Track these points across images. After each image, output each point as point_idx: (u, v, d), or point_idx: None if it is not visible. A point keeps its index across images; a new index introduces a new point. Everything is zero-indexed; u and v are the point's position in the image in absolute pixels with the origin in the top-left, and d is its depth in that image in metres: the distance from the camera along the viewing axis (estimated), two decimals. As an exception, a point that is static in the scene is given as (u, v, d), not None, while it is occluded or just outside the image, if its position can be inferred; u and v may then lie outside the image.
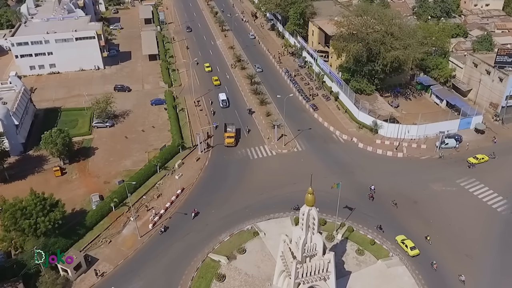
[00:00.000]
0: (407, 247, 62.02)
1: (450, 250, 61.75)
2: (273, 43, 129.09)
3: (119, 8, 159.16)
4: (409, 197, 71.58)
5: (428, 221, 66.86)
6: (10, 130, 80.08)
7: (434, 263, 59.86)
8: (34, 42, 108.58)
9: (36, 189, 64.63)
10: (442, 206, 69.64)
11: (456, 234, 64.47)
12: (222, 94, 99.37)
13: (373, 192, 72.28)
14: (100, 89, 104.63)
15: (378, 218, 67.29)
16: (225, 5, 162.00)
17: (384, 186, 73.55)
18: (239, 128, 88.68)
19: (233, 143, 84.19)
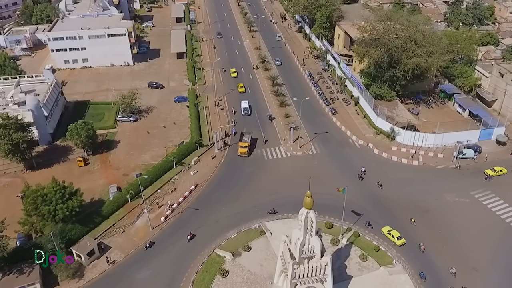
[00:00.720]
0: (393, 237, 64.55)
1: (456, 262, 61.14)
2: (299, 45, 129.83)
3: (153, 6, 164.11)
4: (420, 206, 71.14)
5: (437, 231, 66.41)
6: (39, 120, 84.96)
7: (422, 245, 62.82)
8: (69, 38, 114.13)
9: (59, 178, 68.79)
10: (453, 217, 68.85)
11: (464, 246, 63.72)
12: (244, 101, 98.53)
13: (363, 174, 77.50)
14: (128, 85, 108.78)
15: (385, 224, 67.47)
16: (255, 6, 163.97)
17: (396, 193, 73.48)
18: (255, 138, 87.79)
19: (246, 153, 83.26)
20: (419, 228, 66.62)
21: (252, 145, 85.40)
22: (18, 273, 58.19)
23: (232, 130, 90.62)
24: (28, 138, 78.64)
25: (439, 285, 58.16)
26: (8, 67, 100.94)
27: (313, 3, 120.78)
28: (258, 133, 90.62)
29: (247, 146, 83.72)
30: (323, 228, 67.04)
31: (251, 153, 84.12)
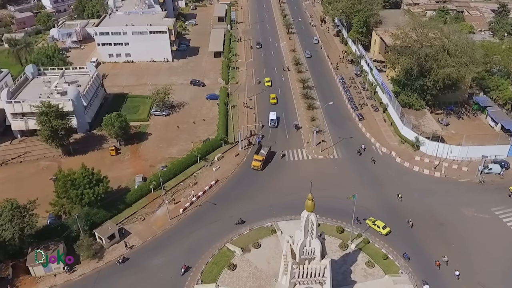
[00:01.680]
0: (379, 227, 67.48)
1: (463, 275, 60.31)
2: (335, 49, 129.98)
3: (198, 5, 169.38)
4: (436, 218, 70.37)
5: (450, 245, 65.54)
6: (79, 110, 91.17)
7: (410, 220, 67.48)
8: (114, 33, 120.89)
9: (92, 165, 74.20)
10: (469, 231, 67.64)
11: (474, 261, 62.60)
12: (273, 113, 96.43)
13: (363, 150, 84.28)
14: (165, 80, 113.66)
15: (397, 234, 67.38)
16: (296, 8, 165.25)
17: (413, 203, 73.02)
18: (274, 151, 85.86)
19: (259, 167, 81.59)
20: (430, 241, 66.07)
21: (269, 159, 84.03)
22: (45, 249, 63.21)
23: (257, 139, 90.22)
24: (66, 126, 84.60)
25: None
26: (57, 59, 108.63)
27: (350, 7, 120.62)
28: (280, 144, 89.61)
29: (262, 160, 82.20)
30: (333, 232, 68.30)
31: (266, 167, 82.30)
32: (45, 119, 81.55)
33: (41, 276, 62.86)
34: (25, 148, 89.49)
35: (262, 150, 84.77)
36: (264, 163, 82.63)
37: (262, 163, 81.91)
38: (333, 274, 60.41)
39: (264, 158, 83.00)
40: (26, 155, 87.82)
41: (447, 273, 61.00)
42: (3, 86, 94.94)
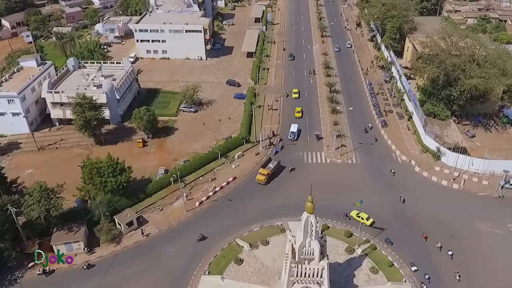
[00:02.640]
0: (363, 219, 70.44)
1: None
2: (368, 54, 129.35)
3: (237, 5, 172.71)
4: (448, 229, 69.82)
5: (458, 257, 64.90)
6: (112, 102, 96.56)
7: (402, 196, 71.64)
8: (152, 30, 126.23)
9: (120, 155, 79.16)
10: (480, 246, 66.81)
11: (481, 277, 61.83)
12: (294, 125, 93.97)
13: (370, 129, 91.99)
14: (197, 78, 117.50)
15: (406, 242, 67.51)
16: (334, 11, 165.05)
17: (426, 214, 72.70)
18: (283, 166, 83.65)
19: (263, 181, 79.48)
20: (438, 252, 65.72)
21: (276, 173, 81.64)
22: (68, 230, 68.47)
23: (274, 149, 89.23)
24: (99, 117, 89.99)
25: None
26: (97, 53, 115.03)
27: (385, 13, 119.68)
28: (300, 146, 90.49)
29: (267, 175, 79.79)
30: (341, 236, 69.32)
31: (271, 181, 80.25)
32: (79, 110, 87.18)
33: (64, 254, 68.11)
34: (62, 136, 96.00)
35: (270, 163, 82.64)
36: (270, 178, 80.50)
37: (266, 177, 79.87)
38: (336, 277, 62.28)
39: (270, 173, 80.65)
40: (62, 142, 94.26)
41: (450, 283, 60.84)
42: (46, 77, 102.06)
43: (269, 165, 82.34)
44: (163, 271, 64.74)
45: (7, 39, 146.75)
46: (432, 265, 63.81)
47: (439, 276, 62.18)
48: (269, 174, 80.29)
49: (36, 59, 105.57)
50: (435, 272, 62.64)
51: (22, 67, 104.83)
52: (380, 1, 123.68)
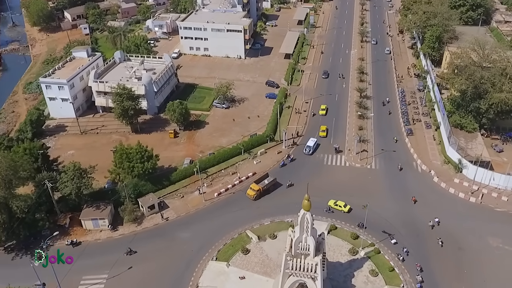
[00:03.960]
0: (341, 207, 75.82)
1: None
2: (406, 61, 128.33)
3: (282, 7, 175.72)
4: (456, 241, 69.93)
5: (462, 270, 65.03)
6: (150, 94, 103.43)
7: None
8: (196, 28, 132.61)
9: (153, 144, 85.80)
10: (486, 261, 66.41)
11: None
12: (312, 139, 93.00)
13: (387, 102, 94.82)
14: (233, 76, 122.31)
15: (412, 251, 68.35)
16: (378, 17, 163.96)
17: (438, 224, 72.91)
18: (279, 184, 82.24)
19: (252, 197, 79.14)
20: (443, 264, 66.06)
21: (269, 190, 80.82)
22: (96, 208, 75.46)
23: (281, 162, 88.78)
24: (136, 107, 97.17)
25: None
26: (142, 47, 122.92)
27: (425, 21, 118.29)
28: (322, 148, 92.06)
29: (257, 191, 79.40)
30: (347, 237, 71.31)
31: (261, 197, 79.66)
32: (118, 99, 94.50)
33: (90, 229, 75.04)
34: (103, 122, 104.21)
35: (266, 180, 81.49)
36: (261, 194, 79.96)
37: (257, 193, 79.47)
38: (336, 276, 64.73)
39: (261, 189, 79.85)
40: (102, 128, 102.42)
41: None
42: (94, 67, 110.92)
43: (264, 181, 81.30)
44: (176, 253, 69.93)
45: (68, 30, 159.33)
46: (432, 270, 64.63)
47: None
48: (260, 190, 79.81)
49: (86, 50, 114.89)
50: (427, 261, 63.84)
51: (74, 57, 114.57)
52: (421, 8, 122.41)
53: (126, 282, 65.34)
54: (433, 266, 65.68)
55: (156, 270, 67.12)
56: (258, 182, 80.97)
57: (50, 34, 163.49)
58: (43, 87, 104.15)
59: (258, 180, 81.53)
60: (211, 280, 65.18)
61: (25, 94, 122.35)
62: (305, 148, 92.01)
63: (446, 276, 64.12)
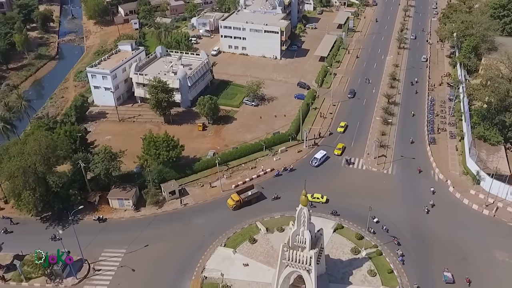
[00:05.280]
0: (318, 199, 80.00)
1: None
2: (442, 70, 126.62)
3: (325, 10, 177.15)
4: (462, 252, 70.42)
5: (462, 279, 65.53)
6: (184, 88, 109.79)
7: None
8: (235, 28, 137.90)
9: (182, 135, 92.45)
10: (490, 274, 66.63)
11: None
12: (322, 152, 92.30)
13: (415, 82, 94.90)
14: (267, 75, 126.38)
15: (414, 257, 69.70)
16: (420, 23, 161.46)
17: (444, 232, 73.85)
18: (263, 197, 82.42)
19: (231, 206, 79.85)
20: (442, 268, 66.96)
21: (250, 202, 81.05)
22: (122, 189, 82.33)
23: (276, 172, 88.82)
24: (169, 100, 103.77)
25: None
26: (183, 44, 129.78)
27: (463, 30, 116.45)
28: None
29: (236, 201, 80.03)
30: (352, 237, 73.60)
31: (241, 208, 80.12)
32: (154, 91, 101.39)
33: (116, 208, 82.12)
34: (140, 112, 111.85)
35: (250, 191, 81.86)
36: (241, 205, 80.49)
37: (236, 204, 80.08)
38: (334, 272, 67.58)
39: (241, 200, 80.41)
40: (138, 117, 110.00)
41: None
42: (137, 60, 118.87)
43: (248, 192, 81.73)
44: (189, 237, 75.30)
45: (120, 25, 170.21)
46: (428, 275, 65.73)
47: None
48: (240, 201, 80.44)
49: (131, 44, 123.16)
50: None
51: (119, 50, 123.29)
52: (460, 17, 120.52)
53: (141, 258, 71.56)
54: (432, 272, 66.74)
55: (169, 249, 72.92)
56: (241, 192, 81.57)
57: (104, 27, 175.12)
58: (89, 76, 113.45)
59: (241, 190, 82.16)
60: (217, 264, 69.91)
61: (75, 82, 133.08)
62: (312, 159, 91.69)
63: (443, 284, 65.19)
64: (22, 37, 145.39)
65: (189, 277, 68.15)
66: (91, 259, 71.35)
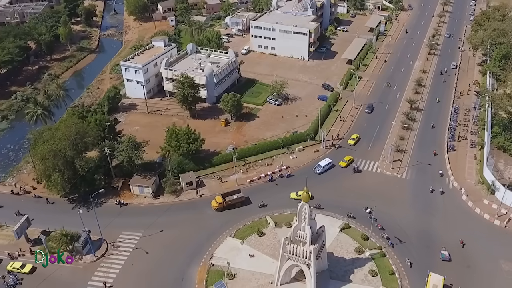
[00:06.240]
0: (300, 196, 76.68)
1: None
2: (470, 78, 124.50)
3: (358, 13, 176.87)
4: (466, 260, 70.53)
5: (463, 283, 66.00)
6: (210, 85, 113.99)
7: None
8: (265, 28, 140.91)
9: (205, 129, 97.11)
10: (492, 283, 66.40)
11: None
12: (327, 159, 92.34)
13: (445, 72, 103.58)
14: (293, 76, 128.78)
15: (420, 262, 70.49)
16: (455, 30, 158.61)
17: (450, 239, 73.99)
18: (248, 203, 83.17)
19: (214, 208, 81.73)
20: (447, 277, 67.36)
21: (234, 206, 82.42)
22: (143, 177, 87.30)
23: (269, 177, 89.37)
24: (195, 95, 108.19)
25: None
26: (213, 42, 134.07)
27: (494, 38, 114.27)
28: (359, 153, 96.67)
29: (219, 203, 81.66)
30: (358, 237, 75.15)
31: (224, 210, 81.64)
32: (180, 86, 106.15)
33: (136, 194, 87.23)
34: (168, 105, 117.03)
35: (236, 195, 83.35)
36: (224, 208, 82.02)
37: (219, 206, 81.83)
38: (336, 269, 69.62)
39: (224, 204, 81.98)
40: (166, 111, 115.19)
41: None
42: (168, 56, 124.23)
43: (233, 196, 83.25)
44: (202, 226, 79.22)
45: (158, 21, 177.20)
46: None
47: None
48: (223, 204, 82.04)
49: (164, 40, 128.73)
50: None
51: (153, 45, 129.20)
52: (492, 25, 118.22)
53: (155, 242, 76.15)
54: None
55: (181, 236, 77.13)
56: (227, 195, 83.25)
57: (143, 23, 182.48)
58: (123, 70, 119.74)
59: (227, 193, 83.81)
60: (225, 253, 73.41)
61: (111, 74, 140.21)
62: (316, 166, 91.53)
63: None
64: (66, 30, 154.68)
65: (197, 263, 72.06)
66: (109, 239, 76.69)
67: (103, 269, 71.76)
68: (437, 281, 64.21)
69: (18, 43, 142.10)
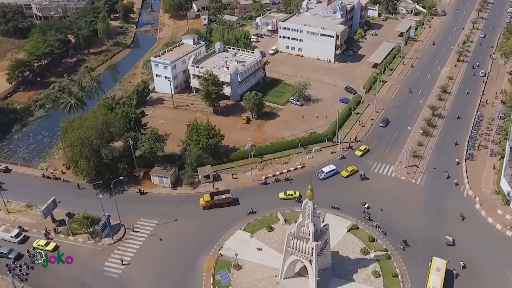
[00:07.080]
0: (292, 195, 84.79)
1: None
2: (499, 86, 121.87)
3: (390, 17, 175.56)
4: (473, 268, 70.44)
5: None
6: (234, 83, 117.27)
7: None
8: (293, 29, 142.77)
9: (227, 126, 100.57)
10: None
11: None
12: (331, 166, 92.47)
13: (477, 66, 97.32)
14: (317, 77, 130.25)
15: (423, 263, 71.20)
16: (488, 37, 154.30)
17: (458, 247, 74.04)
18: (236, 204, 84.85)
19: (202, 205, 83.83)
20: (450, 283, 67.83)
21: (221, 205, 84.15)
22: (164, 168, 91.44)
23: (263, 180, 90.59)
24: (218, 92, 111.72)
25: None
26: (241, 41, 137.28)
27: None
28: (376, 156, 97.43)
29: (206, 202, 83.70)
30: (364, 238, 76.41)
31: (211, 208, 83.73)
32: (205, 83, 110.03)
33: (156, 184, 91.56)
34: (193, 101, 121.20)
35: (224, 195, 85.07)
36: (211, 206, 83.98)
37: (206, 204, 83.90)
38: (340, 267, 71.35)
39: (211, 202, 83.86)
40: (191, 106, 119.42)
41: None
42: (196, 54, 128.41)
43: (222, 195, 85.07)
44: (214, 217, 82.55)
45: (191, 19, 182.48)
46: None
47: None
48: (210, 203, 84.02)
49: (193, 38, 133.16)
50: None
51: (183, 43, 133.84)
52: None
53: (169, 230, 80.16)
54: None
55: (194, 226, 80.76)
56: (216, 194, 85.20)
57: (177, 21, 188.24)
58: (153, 65, 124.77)
59: (217, 193, 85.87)
60: (234, 245, 76.42)
61: (143, 69, 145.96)
62: (319, 172, 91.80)
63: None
64: (104, 26, 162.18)
65: (207, 252, 75.42)
66: (127, 225, 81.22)
67: (119, 252, 76.30)
68: (440, 265, 66.96)
69: (58, 36, 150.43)
